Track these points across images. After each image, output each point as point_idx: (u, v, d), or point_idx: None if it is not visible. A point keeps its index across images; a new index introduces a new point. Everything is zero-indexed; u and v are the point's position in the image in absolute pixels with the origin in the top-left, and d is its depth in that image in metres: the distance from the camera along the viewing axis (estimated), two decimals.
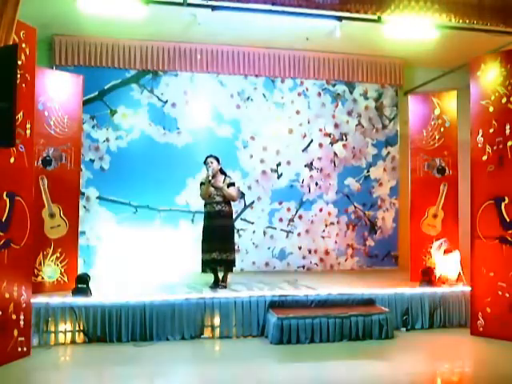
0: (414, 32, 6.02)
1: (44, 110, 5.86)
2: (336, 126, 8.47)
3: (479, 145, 5.64)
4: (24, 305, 4.78)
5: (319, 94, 8.43)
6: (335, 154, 8.46)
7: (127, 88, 7.81)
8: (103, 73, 7.62)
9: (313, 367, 4.70)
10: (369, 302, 5.86)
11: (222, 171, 6.30)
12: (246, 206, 8.13)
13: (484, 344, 5.38)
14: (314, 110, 8.40)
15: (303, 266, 8.26)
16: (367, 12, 5.13)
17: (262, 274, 7.67)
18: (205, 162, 6.24)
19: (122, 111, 7.77)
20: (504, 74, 5.49)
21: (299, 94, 8.36)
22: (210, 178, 6.12)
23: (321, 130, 8.42)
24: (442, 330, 5.98)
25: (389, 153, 8.67)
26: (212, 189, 6.13)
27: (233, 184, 6.24)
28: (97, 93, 7.65)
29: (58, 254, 5.96)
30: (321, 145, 8.42)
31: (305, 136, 8.37)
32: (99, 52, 7.53)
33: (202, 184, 6.22)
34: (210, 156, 6.26)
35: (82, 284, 5.54)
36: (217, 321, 5.55)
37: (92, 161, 7.65)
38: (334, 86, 8.47)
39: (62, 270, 5.98)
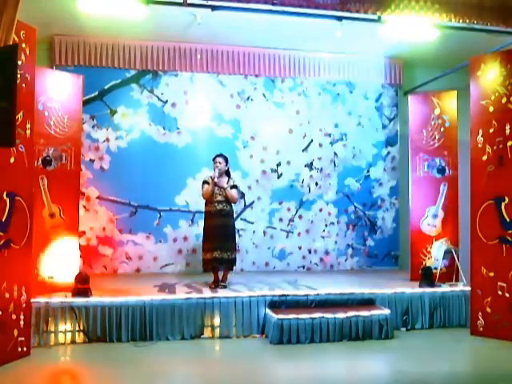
0: (414, 32, 6.01)
1: (44, 110, 5.85)
2: (336, 126, 8.47)
3: (479, 145, 5.64)
4: (24, 305, 4.78)
5: (319, 94, 8.44)
6: (335, 153, 8.46)
7: (127, 88, 7.80)
8: (103, 73, 7.61)
9: (313, 367, 4.70)
10: (369, 301, 5.86)
11: (227, 172, 6.31)
12: (245, 206, 8.13)
13: (484, 344, 5.38)
14: (314, 110, 8.40)
15: (303, 266, 8.26)
16: (367, 12, 5.14)
17: (262, 273, 7.66)
18: (213, 161, 6.24)
19: (122, 111, 7.76)
20: (504, 73, 5.50)
21: (299, 94, 8.37)
22: (216, 178, 6.13)
23: (321, 130, 8.41)
24: (442, 329, 5.99)
25: (389, 153, 8.67)
26: (215, 188, 6.14)
27: (235, 187, 6.25)
28: (97, 93, 7.64)
29: (58, 254, 5.94)
30: (321, 145, 8.42)
31: (305, 136, 8.36)
32: (99, 52, 7.52)
33: (204, 182, 6.23)
34: (220, 156, 6.26)
35: (82, 284, 5.54)
36: (217, 321, 5.55)
37: (92, 161, 7.64)
38: (334, 85, 8.48)
39: (62, 270, 5.97)
